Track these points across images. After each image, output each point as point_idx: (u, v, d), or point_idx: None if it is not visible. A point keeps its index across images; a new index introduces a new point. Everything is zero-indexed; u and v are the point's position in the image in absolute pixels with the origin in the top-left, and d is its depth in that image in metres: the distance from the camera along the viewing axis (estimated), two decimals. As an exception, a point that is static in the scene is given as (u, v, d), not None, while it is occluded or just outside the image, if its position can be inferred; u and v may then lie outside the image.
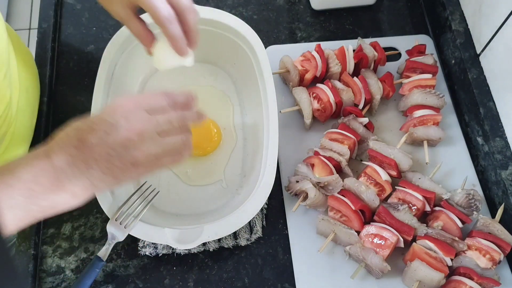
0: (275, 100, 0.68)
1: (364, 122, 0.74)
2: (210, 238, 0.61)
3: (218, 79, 0.80)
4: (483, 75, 0.76)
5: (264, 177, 0.64)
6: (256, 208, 0.62)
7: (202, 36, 0.59)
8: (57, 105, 0.78)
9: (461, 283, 0.61)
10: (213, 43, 0.76)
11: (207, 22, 0.73)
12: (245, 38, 0.72)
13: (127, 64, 0.74)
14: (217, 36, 0.74)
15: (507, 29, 0.68)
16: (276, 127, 0.67)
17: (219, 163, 0.73)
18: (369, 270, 0.66)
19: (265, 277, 0.67)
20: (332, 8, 0.88)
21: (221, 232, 0.61)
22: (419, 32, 0.87)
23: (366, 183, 0.68)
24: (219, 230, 0.61)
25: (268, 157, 0.65)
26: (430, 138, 0.72)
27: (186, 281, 0.67)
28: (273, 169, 0.64)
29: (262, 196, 0.63)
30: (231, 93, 0.78)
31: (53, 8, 0.85)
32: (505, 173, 0.69)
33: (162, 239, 0.61)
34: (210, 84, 0.79)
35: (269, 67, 0.70)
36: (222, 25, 0.73)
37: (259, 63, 0.71)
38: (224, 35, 0.74)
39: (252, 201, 0.63)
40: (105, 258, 0.62)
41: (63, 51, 0.83)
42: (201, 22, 0.72)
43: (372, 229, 0.65)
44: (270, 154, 0.65)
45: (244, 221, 0.62)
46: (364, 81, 0.75)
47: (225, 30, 0.74)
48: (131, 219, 0.62)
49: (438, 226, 0.65)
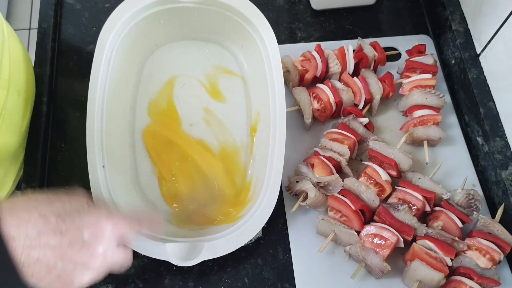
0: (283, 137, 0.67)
1: (364, 122, 0.74)
2: (210, 256, 0.61)
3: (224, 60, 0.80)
4: (483, 75, 0.76)
5: (266, 196, 0.64)
6: (257, 229, 0.62)
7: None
8: (57, 105, 0.78)
9: (461, 283, 0.61)
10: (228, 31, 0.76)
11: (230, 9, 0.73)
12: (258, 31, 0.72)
13: (124, 48, 0.73)
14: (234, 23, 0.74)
15: (507, 29, 0.68)
16: (283, 147, 0.65)
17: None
18: (369, 270, 0.66)
19: (265, 277, 0.67)
20: (332, 8, 0.88)
21: (220, 251, 0.61)
22: (419, 32, 0.87)
23: (366, 183, 0.68)
24: (219, 249, 0.61)
25: (271, 177, 0.64)
26: (430, 138, 0.72)
27: (186, 281, 0.67)
28: (276, 190, 0.64)
29: (263, 215, 0.63)
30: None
31: (53, 8, 0.85)
32: (505, 173, 0.69)
33: (163, 255, 0.61)
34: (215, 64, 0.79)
35: (281, 71, 0.69)
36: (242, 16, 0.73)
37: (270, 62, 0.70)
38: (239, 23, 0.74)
39: (253, 220, 0.63)
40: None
41: (63, 51, 0.83)
42: (222, 6, 0.72)
43: (372, 229, 0.65)
44: (274, 174, 0.64)
45: (244, 241, 0.62)
46: (364, 81, 0.75)
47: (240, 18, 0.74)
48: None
49: (438, 226, 0.65)
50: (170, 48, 0.80)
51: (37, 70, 0.79)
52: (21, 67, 0.73)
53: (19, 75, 0.72)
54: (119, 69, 0.73)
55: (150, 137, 0.74)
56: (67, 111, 0.78)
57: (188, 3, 0.73)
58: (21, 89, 0.72)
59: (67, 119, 0.78)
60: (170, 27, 0.77)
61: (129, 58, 0.76)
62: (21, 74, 0.73)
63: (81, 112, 0.78)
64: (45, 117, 0.76)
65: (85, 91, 0.79)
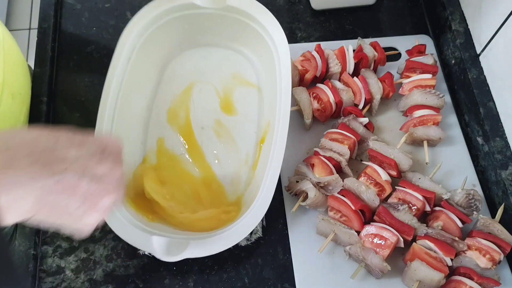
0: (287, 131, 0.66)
1: (364, 122, 0.74)
2: (194, 255, 0.60)
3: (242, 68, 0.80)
4: (483, 75, 0.76)
5: (259, 199, 0.62)
6: (242, 235, 0.61)
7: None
8: (57, 105, 0.78)
9: (461, 283, 0.61)
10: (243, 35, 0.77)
11: (239, 11, 0.73)
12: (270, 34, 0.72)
13: (146, 49, 0.74)
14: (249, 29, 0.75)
15: (507, 29, 0.68)
16: (283, 146, 0.65)
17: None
18: (369, 270, 0.66)
19: (265, 277, 0.67)
20: (332, 8, 0.88)
21: (204, 252, 0.60)
22: (419, 32, 0.87)
23: (366, 183, 0.68)
24: (203, 249, 0.60)
25: (268, 178, 0.63)
26: (430, 138, 0.72)
27: (186, 281, 0.67)
28: (270, 193, 0.62)
29: (252, 222, 0.62)
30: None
31: (53, 8, 0.85)
32: (505, 173, 0.69)
33: (148, 247, 0.60)
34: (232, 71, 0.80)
35: (289, 79, 0.69)
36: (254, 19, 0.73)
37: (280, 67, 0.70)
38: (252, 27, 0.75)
39: (241, 226, 0.61)
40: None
41: (63, 51, 0.83)
42: (232, 10, 0.73)
43: (372, 229, 0.65)
44: (271, 175, 0.63)
45: (228, 244, 0.61)
46: (364, 81, 0.75)
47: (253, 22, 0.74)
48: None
49: (438, 226, 0.65)
50: (192, 53, 0.81)
51: (37, 70, 0.79)
52: (17, 70, 0.73)
53: (15, 79, 0.72)
54: (139, 69, 0.73)
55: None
56: (67, 111, 0.78)
57: (210, 9, 0.74)
58: (16, 92, 0.72)
59: (67, 119, 0.78)
60: (193, 33, 0.78)
61: (151, 60, 0.76)
62: (17, 77, 0.73)
63: (81, 112, 0.78)
64: (45, 117, 0.76)
65: (85, 91, 0.80)
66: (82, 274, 0.67)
